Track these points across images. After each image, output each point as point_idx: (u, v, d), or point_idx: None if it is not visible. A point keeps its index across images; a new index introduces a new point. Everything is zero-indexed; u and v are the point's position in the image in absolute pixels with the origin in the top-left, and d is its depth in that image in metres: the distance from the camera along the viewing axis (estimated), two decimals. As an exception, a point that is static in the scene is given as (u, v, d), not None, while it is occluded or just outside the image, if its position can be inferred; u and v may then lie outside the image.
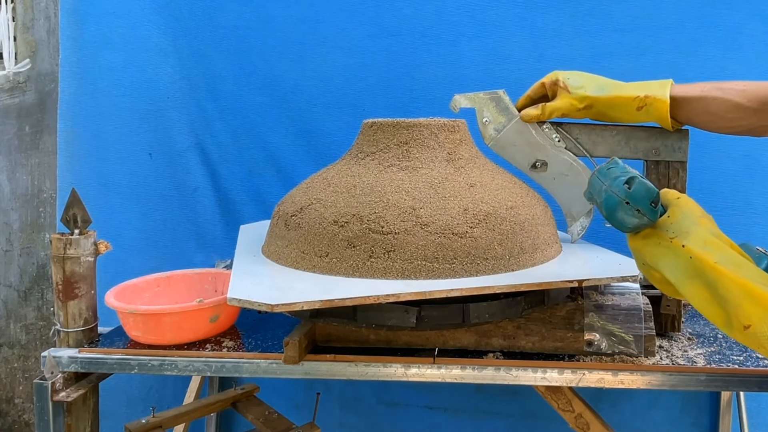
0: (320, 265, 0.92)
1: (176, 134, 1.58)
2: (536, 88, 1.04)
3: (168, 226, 1.60)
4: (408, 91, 1.52)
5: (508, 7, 1.48)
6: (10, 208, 1.92)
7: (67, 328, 1.05)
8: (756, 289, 0.56)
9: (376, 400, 1.65)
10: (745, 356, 0.99)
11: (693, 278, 0.60)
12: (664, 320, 1.08)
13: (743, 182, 1.46)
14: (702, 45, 1.43)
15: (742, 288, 0.57)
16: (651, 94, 0.90)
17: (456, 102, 1.08)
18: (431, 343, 1.00)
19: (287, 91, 1.56)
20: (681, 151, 1.05)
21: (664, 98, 0.89)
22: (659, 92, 0.90)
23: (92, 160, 1.58)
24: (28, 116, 1.89)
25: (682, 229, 0.62)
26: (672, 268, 0.61)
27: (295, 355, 0.92)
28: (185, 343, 1.05)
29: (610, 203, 0.68)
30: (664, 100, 0.89)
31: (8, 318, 1.97)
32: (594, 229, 1.09)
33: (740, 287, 0.57)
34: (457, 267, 0.89)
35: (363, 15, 1.52)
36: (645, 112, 0.91)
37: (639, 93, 0.90)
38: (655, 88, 0.91)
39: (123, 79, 1.56)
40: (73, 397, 1.01)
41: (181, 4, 1.55)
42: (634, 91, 0.92)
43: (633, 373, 0.94)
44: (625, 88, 0.94)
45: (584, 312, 0.97)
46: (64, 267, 1.04)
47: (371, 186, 0.95)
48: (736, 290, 0.57)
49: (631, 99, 0.90)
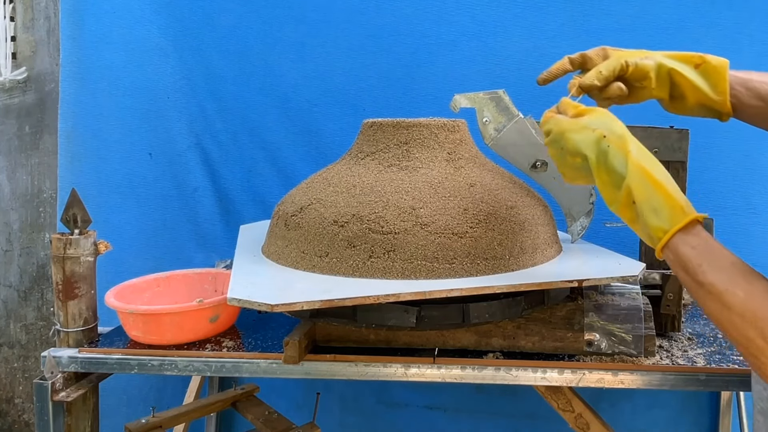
0: (320, 265, 0.92)
1: (176, 134, 1.58)
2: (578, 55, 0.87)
3: (168, 226, 1.60)
4: (408, 91, 1.52)
5: (508, 7, 1.48)
6: (10, 208, 1.92)
7: (67, 328, 1.05)
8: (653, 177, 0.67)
9: (376, 400, 1.65)
10: (745, 356, 0.99)
11: (601, 161, 0.71)
12: (664, 320, 1.08)
13: (743, 182, 1.46)
14: (702, 45, 1.43)
15: (642, 172, 0.68)
16: (709, 57, 0.82)
17: (456, 102, 1.08)
18: (431, 343, 1.00)
19: (287, 91, 1.56)
20: (681, 151, 1.06)
21: (723, 60, 0.82)
22: (715, 58, 0.83)
23: (92, 160, 1.58)
24: (28, 116, 1.89)
25: (602, 123, 0.72)
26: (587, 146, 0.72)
27: (295, 355, 0.92)
28: (185, 343, 1.05)
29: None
30: (723, 61, 0.82)
31: (8, 318, 1.97)
32: (594, 229, 1.09)
33: (643, 173, 0.68)
34: (457, 267, 0.89)
35: (363, 15, 1.52)
36: (703, 71, 0.83)
37: (699, 53, 0.82)
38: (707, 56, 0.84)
39: (123, 78, 1.56)
40: (73, 397, 1.01)
41: (181, 4, 1.55)
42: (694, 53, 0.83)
43: (633, 373, 0.94)
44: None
45: (584, 312, 0.97)
46: (64, 267, 1.04)
47: (371, 186, 0.95)
48: (636, 172, 0.68)
49: (689, 55, 0.82)
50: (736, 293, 0.62)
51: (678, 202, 0.67)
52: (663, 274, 1.06)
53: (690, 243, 0.66)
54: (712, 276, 0.64)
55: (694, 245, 0.66)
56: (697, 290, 0.66)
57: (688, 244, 0.66)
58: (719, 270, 0.64)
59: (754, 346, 0.60)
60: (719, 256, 0.65)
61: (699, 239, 0.66)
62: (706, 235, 0.67)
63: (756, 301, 0.61)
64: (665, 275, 1.06)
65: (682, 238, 0.66)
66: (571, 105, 0.78)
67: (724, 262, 0.65)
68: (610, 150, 0.70)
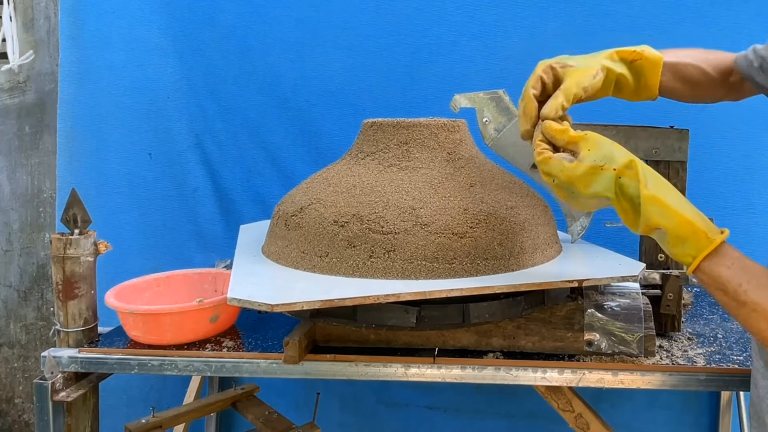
0: (320, 265, 0.92)
1: (176, 134, 1.58)
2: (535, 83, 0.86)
3: (168, 226, 1.60)
4: (408, 91, 1.53)
5: (508, 7, 1.48)
6: (10, 208, 1.92)
7: (67, 328, 1.05)
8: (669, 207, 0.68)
9: (376, 400, 1.65)
10: (745, 356, 0.99)
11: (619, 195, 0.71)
12: (664, 320, 1.08)
13: (743, 182, 1.46)
14: (702, 45, 1.43)
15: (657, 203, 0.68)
16: (645, 50, 0.85)
17: (456, 102, 1.08)
18: (431, 343, 1.00)
19: (287, 91, 1.56)
20: (681, 151, 1.05)
21: (659, 54, 0.85)
22: (650, 50, 0.86)
23: (92, 160, 1.58)
24: (28, 116, 1.89)
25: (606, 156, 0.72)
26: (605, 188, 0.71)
27: (295, 355, 0.92)
28: (185, 343, 1.05)
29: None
30: (659, 56, 0.85)
31: (8, 318, 1.97)
32: (594, 229, 1.09)
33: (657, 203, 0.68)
34: (457, 267, 0.89)
35: (363, 15, 1.52)
36: (638, 66, 0.85)
37: (635, 48, 0.85)
38: (646, 48, 0.87)
39: (123, 78, 1.56)
40: (73, 397, 1.01)
41: (181, 4, 1.55)
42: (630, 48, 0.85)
43: (633, 373, 0.94)
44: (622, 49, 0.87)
45: (584, 312, 0.97)
46: (64, 267, 1.04)
47: (371, 186, 0.95)
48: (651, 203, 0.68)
49: (630, 51, 0.85)
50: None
51: (699, 228, 0.67)
52: (663, 274, 1.06)
53: (724, 264, 0.67)
54: (755, 294, 0.64)
55: (729, 265, 0.66)
56: (739, 310, 0.66)
57: (723, 265, 0.67)
58: (761, 287, 0.64)
59: None
60: (757, 273, 0.66)
61: (731, 259, 0.67)
62: (738, 254, 0.68)
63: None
64: (665, 275, 1.06)
65: (713, 261, 0.67)
66: (558, 131, 0.75)
67: (764, 279, 0.65)
68: (624, 182, 0.70)
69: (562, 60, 0.82)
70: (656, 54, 0.85)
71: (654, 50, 0.86)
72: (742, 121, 1.45)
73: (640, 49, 0.85)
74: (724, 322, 1.18)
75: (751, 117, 1.45)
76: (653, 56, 0.85)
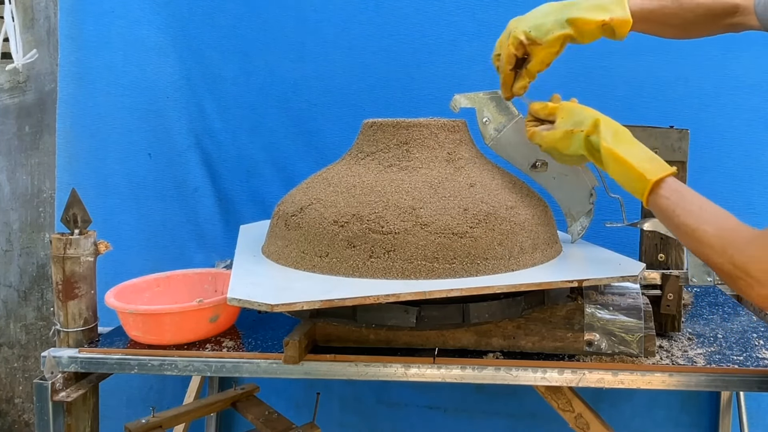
0: (320, 265, 0.92)
1: (176, 134, 1.58)
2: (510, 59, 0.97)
3: (168, 226, 1.60)
4: (408, 91, 1.52)
5: (508, 7, 1.48)
6: (10, 208, 1.92)
7: (67, 328, 1.05)
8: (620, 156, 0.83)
9: (376, 400, 1.65)
10: (745, 356, 0.99)
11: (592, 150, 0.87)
12: (664, 320, 1.08)
13: (743, 182, 1.46)
14: (702, 45, 1.43)
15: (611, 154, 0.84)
16: (615, 17, 0.90)
17: (456, 102, 1.08)
18: (431, 343, 1.00)
19: (287, 91, 1.56)
20: (681, 151, 1.06)
21: (628, 18, 0.90)
22: (621, 13, 0.90)
23: (91, 160, 1.58)
24: (28, 116, 1.89)
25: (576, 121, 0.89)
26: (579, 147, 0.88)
27: (295, 355, 0.92)
28: (185, 343, 1.05)
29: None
30: (627, 21, 0.90)
31: (8, 318, 1.97)
32: (594, 229, 1.09)
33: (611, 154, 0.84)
34: (457, 267, 0.89)
35: (363, 15, 1.52)
36: (609, 31, 0.92)
37: (603, 17, 0.90)
38: (615, 8, 0.91)
39: (122, 78, 1.56)
40: (73, 397, 1.01)
41: (181, 4, 1.55)
42: (598, 15, 0.90)
43: (633, 373, 0.94)
44: (588, 12, 0.91)
45: (584, 312, 0.97)
46: (64, 267, 1.04)
47: (371, 186, 0.95)
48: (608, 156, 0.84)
49: (599, 24, 0.90)
50: (705, 230, 0.74)
51: (639, 172, 0.81)
52: (663, 274, 1.06)
53: (663, 195, 0.79)
54: (684, 218, 0.77)
55: (668, 196, 0.79)
56: (676, 232, 0.80)
57: (662, 196, 0.79)
58: (690, 212, 0.77)
59: (725, 272, 0.72)
60: (690, 201, 0.78)
61: (670, 190, 0.79)
62: (678, 185, 0.80)
63: (723, 234, 0.73)
64: (665, 275, 1.06)
65: (656, 194, 0.80)
66: (539, 108, 0.95)
67: (694, 206, 0.77)
68: (592, 140, 0.86)
69: (530, 32, 0.93)
70: (624, 18, 0.91)
71: (624, 11, 0.91)
72: (742, 121, 1.45)
73: (608, 19, 0.90)
74: (724, 322, 1.18)
75: (751, 117, 1.45)
76: (621, 21, 0.91)
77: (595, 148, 0.86)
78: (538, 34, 0.93)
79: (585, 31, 0.92)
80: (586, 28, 0.91)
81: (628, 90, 1.47)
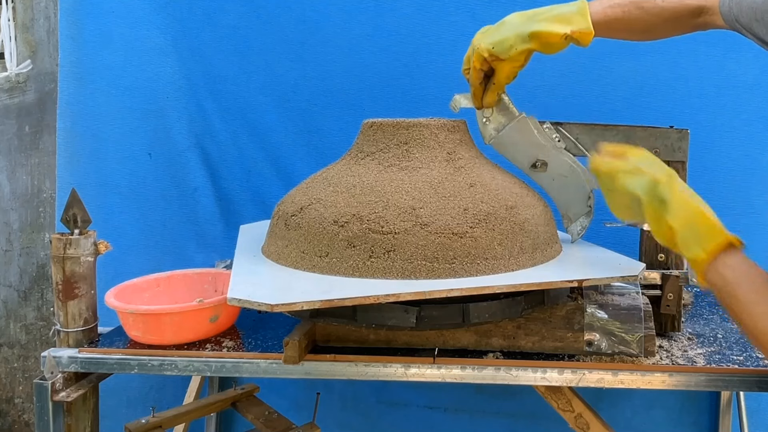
0: (320, 265, 0.92)
1: (176, 134, 1.58)
2: (478, 76, 1.00)
3: (168, 226, 1.60)
4: (408, 91, 1.52)
5: (508, 7, 1.46)
6: (10, 208, 1.92)
7: (67, 328, 1.05)
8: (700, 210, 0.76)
9: (376, 399, 1.65)
10: (745, 356, 0.99)
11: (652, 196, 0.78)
12: (664, 320, 1.08)
13: (743, 182, 1.46)
14: (702, 45, 1.43)
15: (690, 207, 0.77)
16: (577, 29, 0.91)
17: (456, 102, 1.08)
18: (431, 343, 1.00)
19: (287, 91, 1.56)
20: (681, 151, 1.06)
21: (590, 30, 0.91)
22: (583, 25, 0.91)
23: (91, 160, 1.58)
24: (28, 116, 1.89)
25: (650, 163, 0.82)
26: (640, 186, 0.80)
27: (295, 355, 0.92)
28: (185, 343, 1.05)
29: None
30: (590, 32, 0.91)
31: (8, 318, 1.97)
32: (594, 229, 1.09)
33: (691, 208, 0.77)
34: (457, 267, 0.89)
35: (363, 15, 1.52)
36: (572, 41, 0.93)
37: (566, 30, 0.91)
38: (577, 19, 0.91)
39: (122, 78, 1.56)
40: (73, 397, 1.01)
41: (181, 4, 1.55)
42: (560, 28, 0.91)
43: (633, 373, 0.94)
44: (550, 25, 0.92)
45: (584, 312, 0.97)
46: (64, 267, 1.04)
47: (371, 186, 0.95)
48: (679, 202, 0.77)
49: (562, 37, 0.91)
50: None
51: (713, 222, 0.74)
52: (663, 274, 1.06)
53: (729, 265, 0.71)
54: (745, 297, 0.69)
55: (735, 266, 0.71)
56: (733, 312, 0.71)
57: (728, 266, 0.72)
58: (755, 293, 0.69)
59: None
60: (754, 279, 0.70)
61: (741, 260, 0.72)
62: (744, 258, 0.72)
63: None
64: (665, 275, 1.06)
65: (726, 256, 0.72)
66: (612, 147, 0.86)
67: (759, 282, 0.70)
68: (660, 188, 0.77)
69: (492, 49, 0.95)
70: (586, 31, 0.91)
71: (586, 22, 0.91)
72: (742, 121, 1.45)
73: (570, 32, 0.91)
74: (724, 322, 1.18)
75: (751, 117, 1.45)
76: (583, 33, 0.91)
77: (658, 198, 0.77)
78: (501, 50, 0.95)
79: (548, 44, 0.92)
80: (549, 41, 0.92)
81: (628, 90, 1.47)
